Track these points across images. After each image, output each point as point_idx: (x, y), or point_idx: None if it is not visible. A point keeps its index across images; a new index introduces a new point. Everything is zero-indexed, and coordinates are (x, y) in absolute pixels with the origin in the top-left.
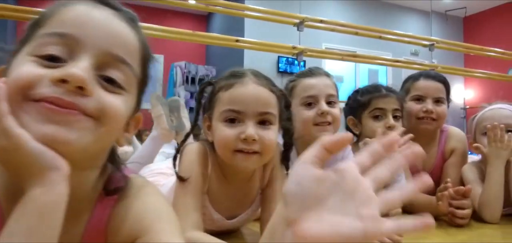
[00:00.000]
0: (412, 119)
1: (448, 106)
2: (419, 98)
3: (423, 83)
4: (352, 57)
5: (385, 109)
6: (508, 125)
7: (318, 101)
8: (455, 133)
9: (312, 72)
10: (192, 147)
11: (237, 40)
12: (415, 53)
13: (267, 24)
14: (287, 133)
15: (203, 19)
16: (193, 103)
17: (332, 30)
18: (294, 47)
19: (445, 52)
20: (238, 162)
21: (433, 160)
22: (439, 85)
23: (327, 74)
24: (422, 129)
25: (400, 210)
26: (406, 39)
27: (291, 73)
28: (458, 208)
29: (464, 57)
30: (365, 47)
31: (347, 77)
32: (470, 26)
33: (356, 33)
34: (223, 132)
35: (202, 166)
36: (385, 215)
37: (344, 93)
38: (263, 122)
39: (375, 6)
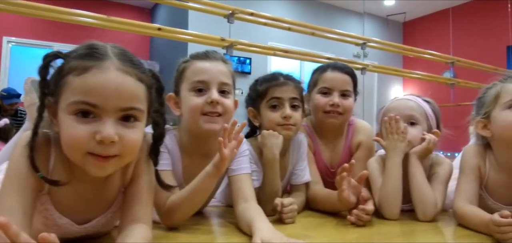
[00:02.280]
0: (318, 113)
1: (355, 99)
2: (326, 92)
3: (330, 75)
4: (284, 52)
5: (282, 99)
6: (411, 116)
7: (209, 88)
8: (362, 126)
9: (208, 55)
10: (26, 135)
11: (159, 29)
12: (357, 56)
13: (212, 18)
14: (157, 126)
15: (148, 13)
16: None
17: (264, 24)
18: (223, 39)
19: (385, 54)
20: (90, 167)
21: (340, 154)
22: (346, 78)
23: (224, 60)
24: (329, 123)
25: (295, 206)
26: (338, 37)
27: (243, 72)
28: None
29: (403, 60)
30: (310, 48)
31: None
32: (409, 31)
33: (289, 29)
34: (72, 129)
35: (38, 160)
36: None
37: None
38: (126, 118)
39: (320, 8)
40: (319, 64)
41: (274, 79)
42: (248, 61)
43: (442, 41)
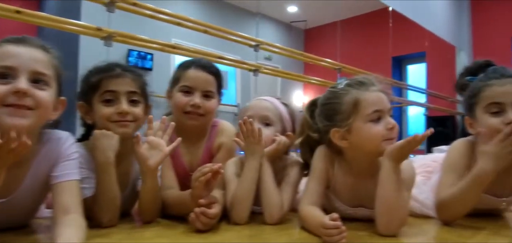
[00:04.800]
0: (178, 113)
1: (219, 101)
2: (188, 91)
3: (193, 73)
4: (171, 48)
5: (117, 92)
6: (265, 117)
7: (17, 76)
8: (225, 128)
9: (23, 39)
10: None
11: (17, 11)
12: (268, 58)
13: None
14: None
15: (36, 2)
16: None
17: (150, 16)
18: (99, 29)
19: (289, 59)
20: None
21: (199, 156)
22: (210, 77)
23: (45, 48)
24: (189, 124)
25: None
26: (232, 37)
27: (144, 68)
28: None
29: (304, 66)
30: (217, 49)
31: None
32: (310, 38)
33: (179, 24)
34: None
35: None
36: None
37: None
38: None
39: (228, 10)
40: (224, 67)
41: (109, 70)
42: (149, 56)
43: (336, 50)
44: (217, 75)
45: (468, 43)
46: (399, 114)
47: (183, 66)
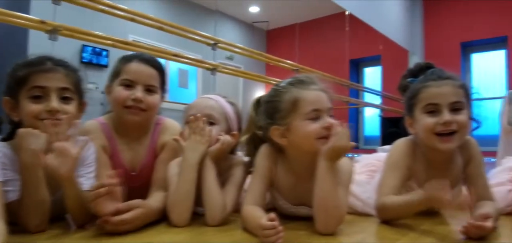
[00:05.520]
0: (118, 108)
1: (163, 97)
2: (129, 85)
3: (135, 66)
4: (124, 44)
5: (47, 88)
6: (210, 116)
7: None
8: (170, 126)
9: None
10: None
11: None
12: (230, 58)
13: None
14: None
15: None
16: None
17: (102, 11)
18: (43, 22)
19: (250, 60)
20: None
21: (142, 156)
22: (153, 72)
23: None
24: (129, 120)
25: None
26: (189, 35)
27: (99, 65)
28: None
29: (266, 67)
30: (179, 47)
31: None
32: (272, 39)
33: (132, 20)
34: None
35: None
36: None
37: None
38: None
39: (189, 8)
40: (186, 66)
41: (39, 63)
42: (105, 53)
43: (297, 51)
44: (161, 71)
45: (420, 48)
46: (356, 115)
47: (125, 60)
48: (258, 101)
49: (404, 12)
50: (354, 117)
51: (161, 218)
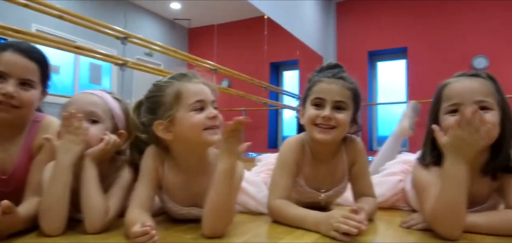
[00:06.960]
0: None
1: (44, 93)
2: (1, 76)
3: (9, 56)
4: (14, 32)
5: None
6: (92, 113)
7: None
8: (50, 124)
9: None
10: None
11: None
12: (149, 54)
13: None
14: None
15: None
16: None
17: None
18: None
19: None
20: None
21: (15, 157)
22: (31, 65)
23: None
24: None
25: None
26: (96, 27)
27: None
28: None
29: (188, 66)
30: (92, 41)
31: (66, 69)
32: (194, 38)
33: (26, 6)
34: None
35: None
36: None
37: (61, 86)
38: None
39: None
40: (99, 62)
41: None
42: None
43: (215, 51)
44: (41, 63)
45: (333, 54)
46: (275, 117)
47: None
48: (140, 104)
49: (319, 20)
50: (274, 119)
51: (33, 227)
